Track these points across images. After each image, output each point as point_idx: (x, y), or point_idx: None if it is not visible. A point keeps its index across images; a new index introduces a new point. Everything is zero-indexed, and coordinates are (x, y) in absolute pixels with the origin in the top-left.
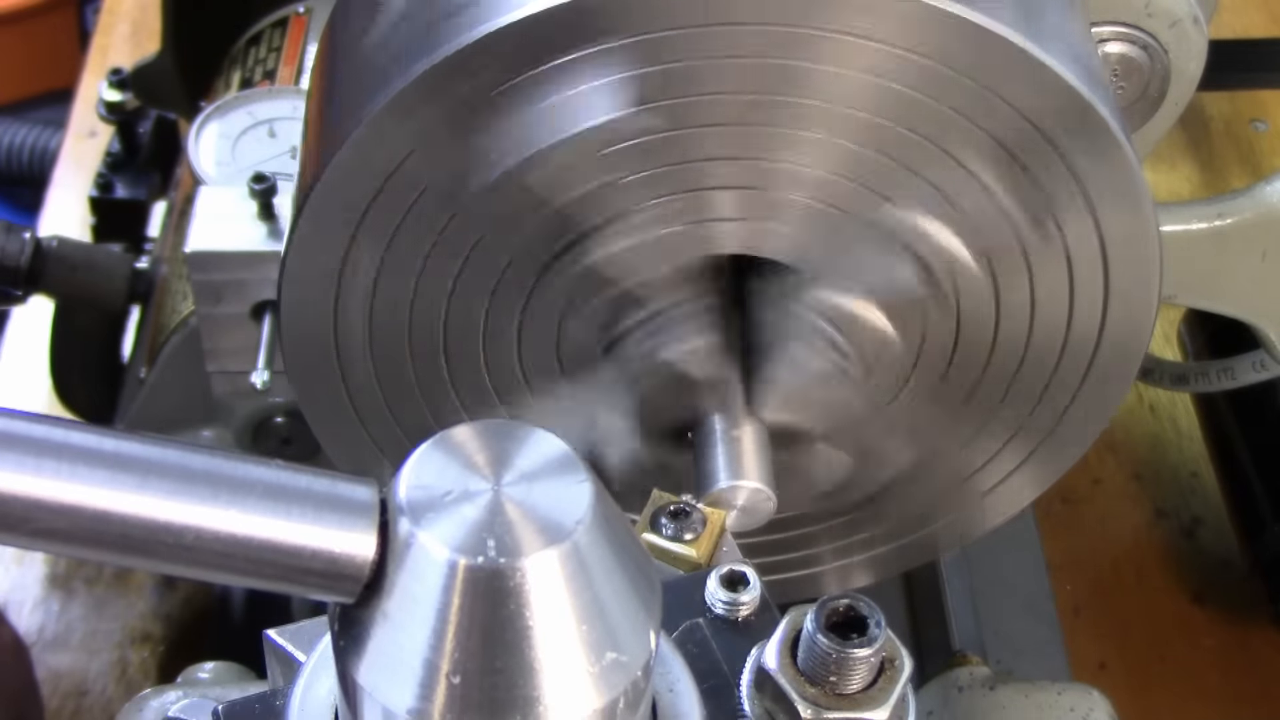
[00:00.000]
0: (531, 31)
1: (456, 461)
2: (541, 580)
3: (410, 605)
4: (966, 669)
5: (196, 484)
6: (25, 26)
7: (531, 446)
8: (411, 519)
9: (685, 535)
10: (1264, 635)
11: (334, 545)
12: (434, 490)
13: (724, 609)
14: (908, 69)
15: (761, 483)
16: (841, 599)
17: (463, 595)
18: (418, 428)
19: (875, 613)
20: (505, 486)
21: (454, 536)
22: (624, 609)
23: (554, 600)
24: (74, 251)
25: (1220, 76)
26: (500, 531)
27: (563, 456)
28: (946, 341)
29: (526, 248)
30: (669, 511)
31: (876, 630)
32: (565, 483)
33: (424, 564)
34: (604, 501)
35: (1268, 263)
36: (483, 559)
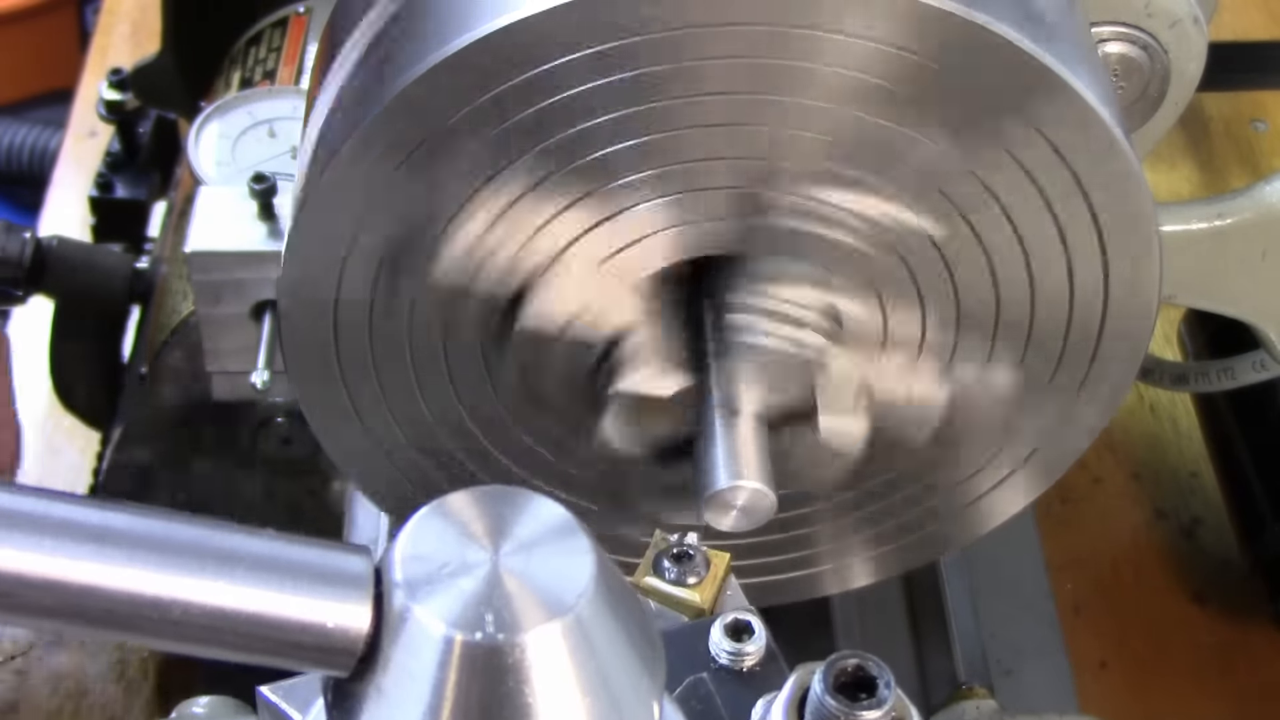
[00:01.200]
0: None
1: (453, 530)
2: (542, 655)
3: (406, 681)
4: (973, 702)
5: (183, 556)
6: (25, 26)
7: (531, 514)
8: (407, 592)
9: (688, 579)
10: (1264, 635)
11: (326, 618)
12: (430, 561)
13: (729, 659)
14: (904, 68)
15: (761, 483)
16: (850, 658)
17: (460, 672)
18: (418, 428)
19: (885, 673)
20: (504, 557)
21: (451, 611)
22: (627, 679)
23: (555, 675)
24: (74, 251)
25: (1220, 76)
26: (499, 605)
27: (563, 524)
28: (948, 341)
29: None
30: (672, 554)
31: (886, 691)
32: (566, 552)
33: (420, 639)
34: (606, 569)
35: (1268, 263)
36: (480, 635)
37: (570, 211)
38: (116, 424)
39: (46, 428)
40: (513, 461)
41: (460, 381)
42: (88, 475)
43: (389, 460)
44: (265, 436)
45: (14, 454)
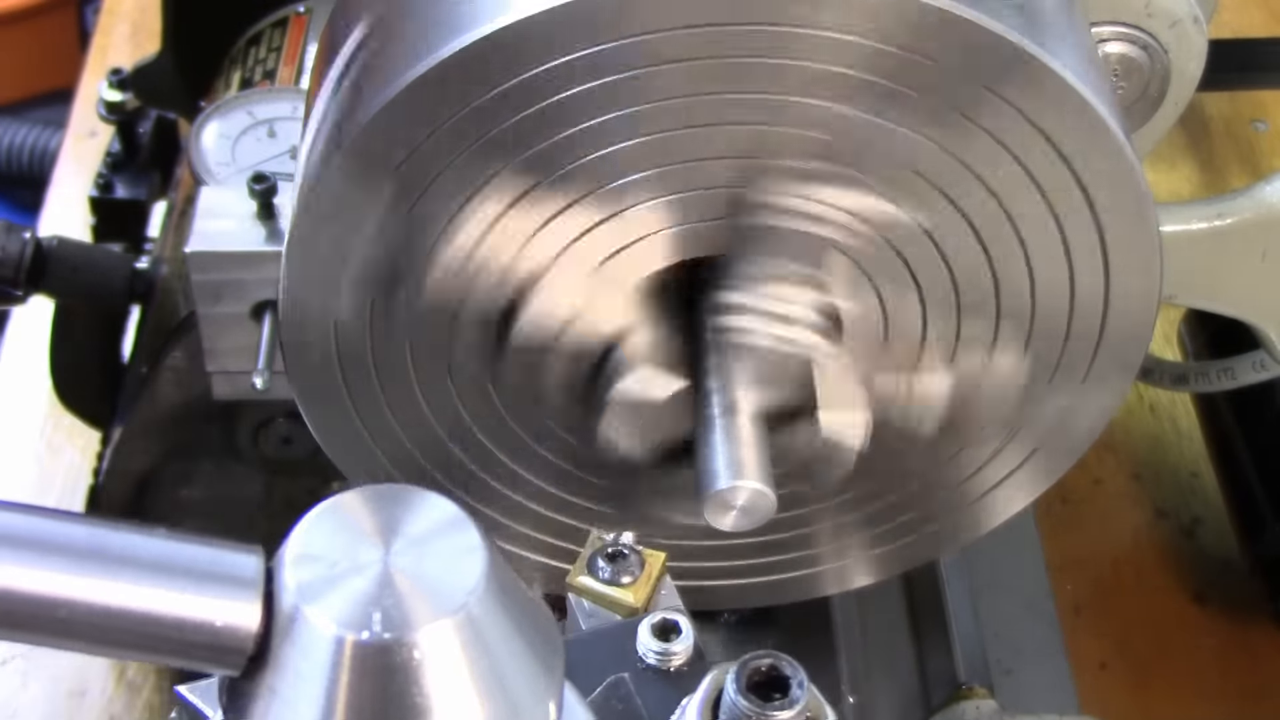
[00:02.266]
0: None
1: (345, 530)
2: (432, 654)
3: (297, 681)
4: (973, 702)
5: (68, 555)
6: (25, 26)
7: (423, 512)
8: (296, 592)
9: (623, 578)
10: (1264, 634)
11: (215, 617)
12: (321, 561)
13: (656, 659)
14: (910, 70)
15: (762, 483)
16: (764, 658)
17: (349, 671)
18: (418, 428)
19: (798, 672)
20: (395, 556)
21: (340, 610)
22: (523, 677)
23: (447, 673)
24: (74, 251)
25: (1220, 76)
26: (388, 604)
27: (455, 522)
28: (950, 327)
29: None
30: (606, 554)
31: (799, 691)
32: (457, 550)
33: (309, 639)
34: (498, 567)
35: (1268, 263)
36: (368, 634)
37: (559, 219)
38: (116, 424)
39: (46, 428)
40: (515, 463)
41: (461, 387)
42: (88, 475)
43: (389, 463)
44: (265, 436)
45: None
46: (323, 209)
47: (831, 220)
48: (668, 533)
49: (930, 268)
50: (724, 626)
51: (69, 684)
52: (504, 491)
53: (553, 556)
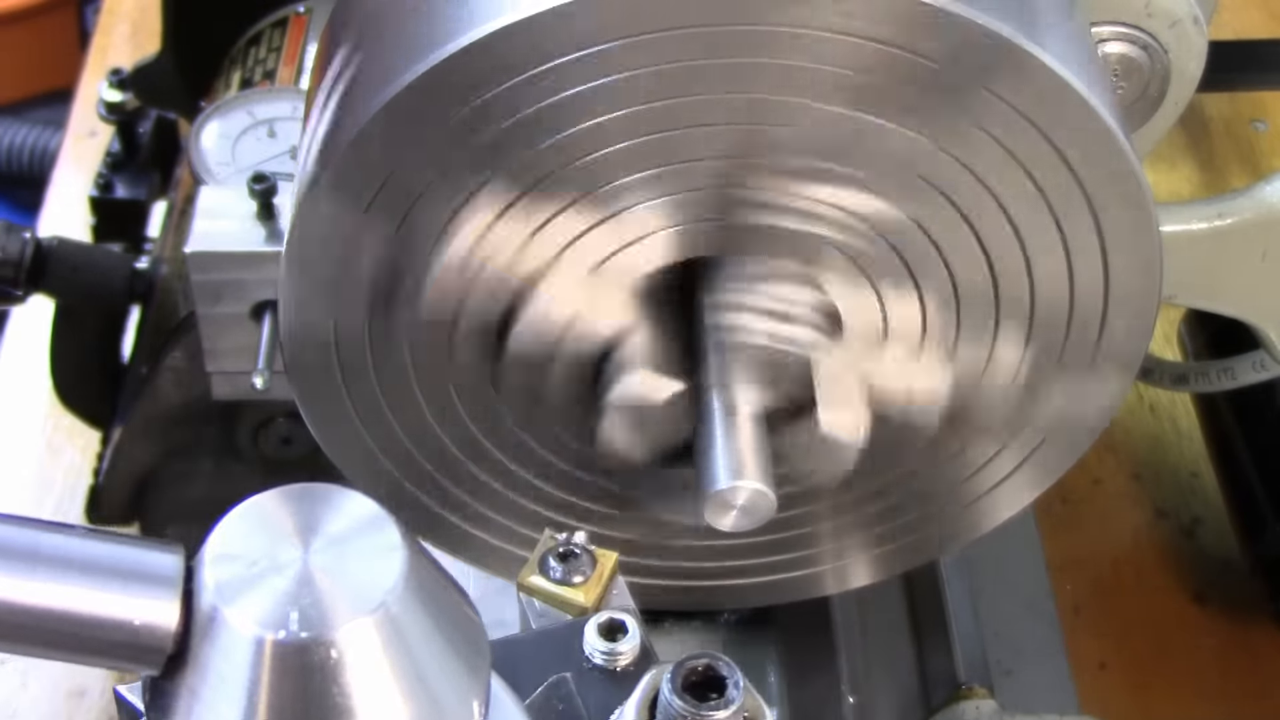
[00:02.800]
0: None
1: (265, 529)
2: (352, 653)
3: (217, 681)
4: (973, 702)
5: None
6: (25, 26)
7: (344, 511)
8: (215, 591)
9: (574, 578)
10: (1264, 635)
11: (133, 616)
12: (240, 560)
13: (602, 659)
14: (909, 69)
15: (762, 483)
16: (700, 659)
17: (267, 670)
18: (418, 428)
19: (734, 673)
20: (314, 555)
21: (258, 610)
22: (446, 675)
23: (368, 673)
24: (74, 251)
25: (1220, 76)
26: (306, 603)
27: (375, 520)
28: (948, 339)
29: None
30: (558, 553)
31: (735, 691)
32: (377, 549)
33: (227, 638)
34: (419, 566)
35: (1268, 263)
36: (285, 633)
37: (552, 224)
38: (116, 424)
39: (46, 428)
40: (515, 464)
41: (461, 390)
42: (88, 475)
43: (390, 464)
44: (265, 436)
45: None
46: (315, 228)
47: (828, 218)
48: (668, 533)
49: (929, 267)
50: (724, 626)
51: (69, 684)
52: (504, 492)
53: None
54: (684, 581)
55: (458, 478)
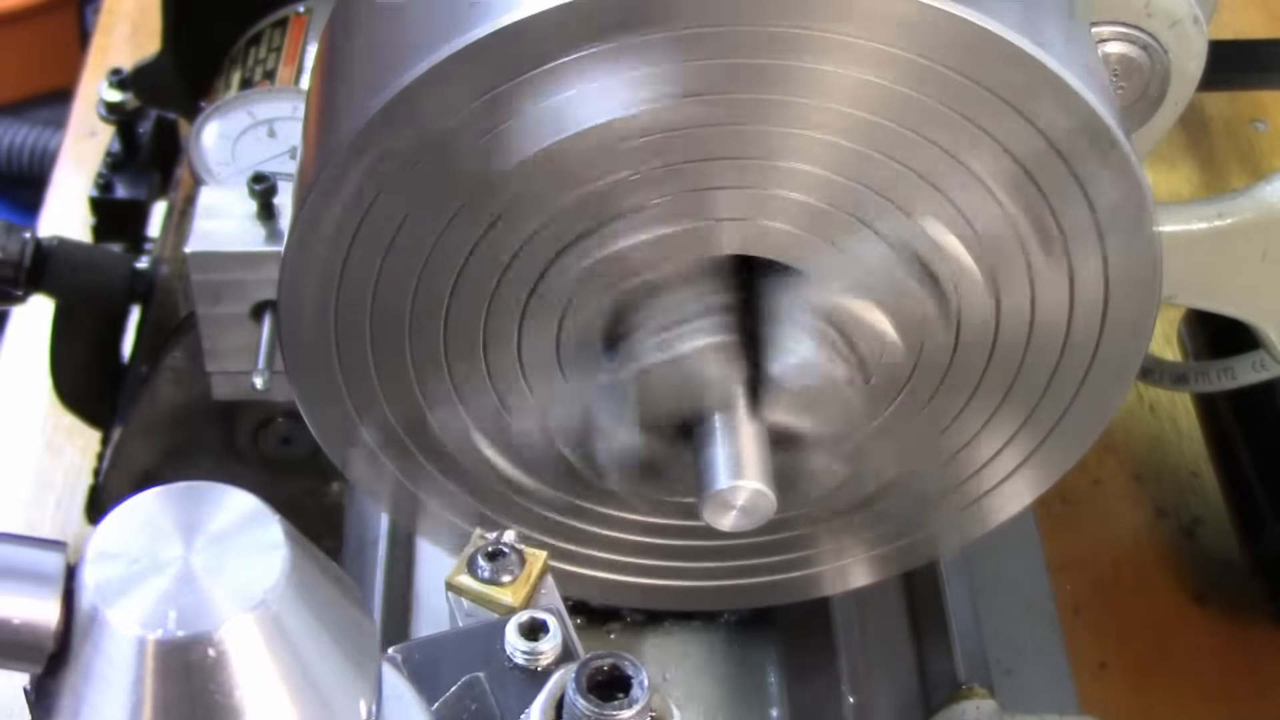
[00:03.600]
0: (558, 21)
1: (147, 527)
2: (233, 651)
3: (98, 682)
4: (973, 702)
5: None
6: (25, 26)
7: (226, 509)
8: (95, 590)
9: (502, 578)
10: (1264, 635)
11: (12, 614)
12: (121, 559)
13: (524, 659)
14: (910, 71)
15: (761, 483)
16: (606, 658)
17: (150, 671)
18: (418, 429)
19: (640, 672)
20: (195, 553)
21: (137, 608)
22: (333, 676)
23: (250, 671)
24: (74, 251)
25: (1220, 76)
26: (185, 602)
27: (258, 519)
28: (947, 342)
29: (533, 240)
30: (486, 553)
31: (639, 691)
32: (259, 547)
33: (107, 637)
34: (303, 564)
35: (1268, 263)
36: (163, 632)
37: (651, 173)
38: (116, 424)
39: (46, 428)
40: (509, 461)
41: (460, 382)
42: (88, 475)
43: (388, 461)
44: (265, 436)
45: None
46: (315, 230)
47: (915, 252)
48: (668, 533)
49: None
50: (724, 626)
51: None
52: (501, 491)
53: (549, 556)
54: (684, 581)
55: (454, 472)
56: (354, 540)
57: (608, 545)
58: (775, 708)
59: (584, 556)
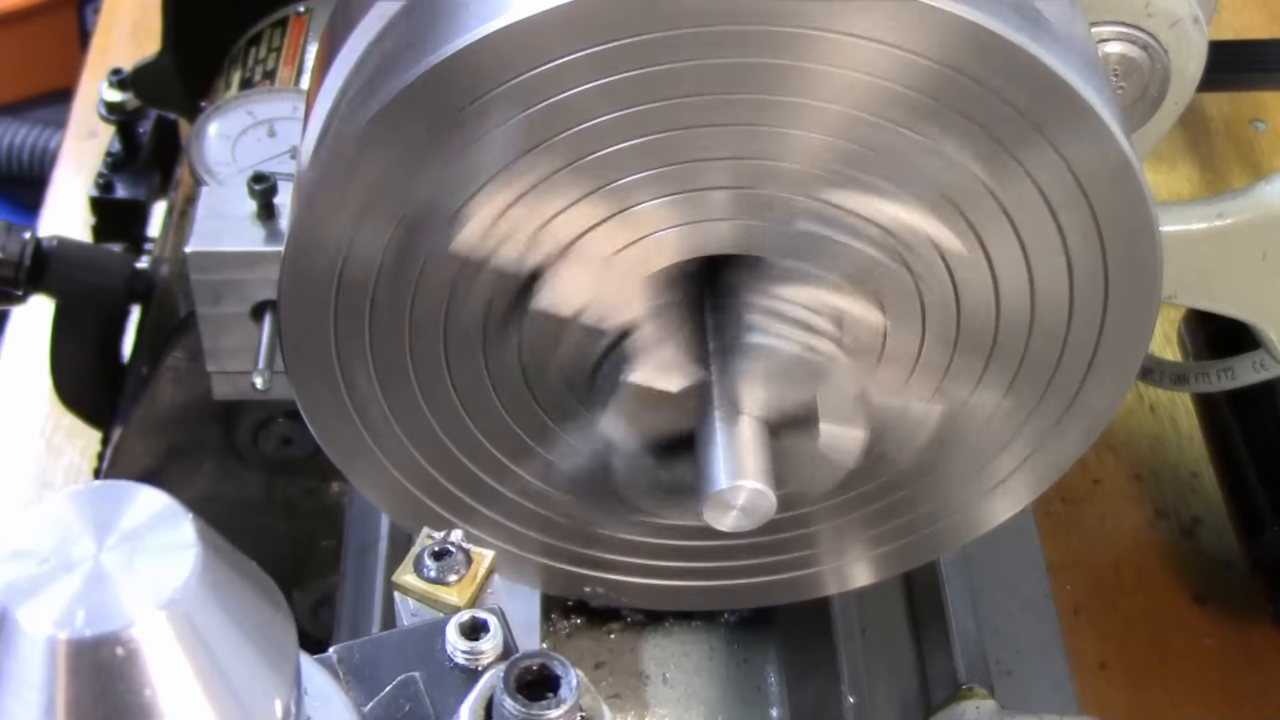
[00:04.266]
0: (551, 25)
1: (59, 527)
2: (144, 649)
3: (8, 682)
4: (973, 702)
5: None
6: (25, 26)
7: (138, 508)
8: (4, 591)
9: (448, 577)
10: (1264, 635)
11: None
12: (31, 559)
13: (464, 659)
14: (907, 69)
15: (761, 483)
16: (535, 658)
17: (61, 670)
18: (418, 429)
19: (568, 672)
20: (106, 552)
21: (47, 608)
22: (248, 675)
23: (162, 670)
24: (74, 251)
25: (1220, 76)
26: (95, 601)
27: (171, 518)
28: (947, 345)
29: (485, 302)
30: (433, 552)
31: (567, 691)
32: (171, 545)
33: (18, 638)
34: (217, 563)
35: (1268, 263)
36: (72, 631)
37: (580, 204)
38: (116, 424)
39: (46, 428)
40: (508, 458)
41: (460, 383)
42: (88, 475)
43: (390, 463)
44: (265, 436)
45: None
46: (315, 230)
47: (857, 230)
48: (669, 533)
49: (938, 288)
50: (724, 626)
51: None
52: (500, 490)
53: (549, 557)
54: (684, 581)
55: (452, 472)
56: (354, 540)
57: (607, 545)
58: (775, 708)
59: (583, 556)
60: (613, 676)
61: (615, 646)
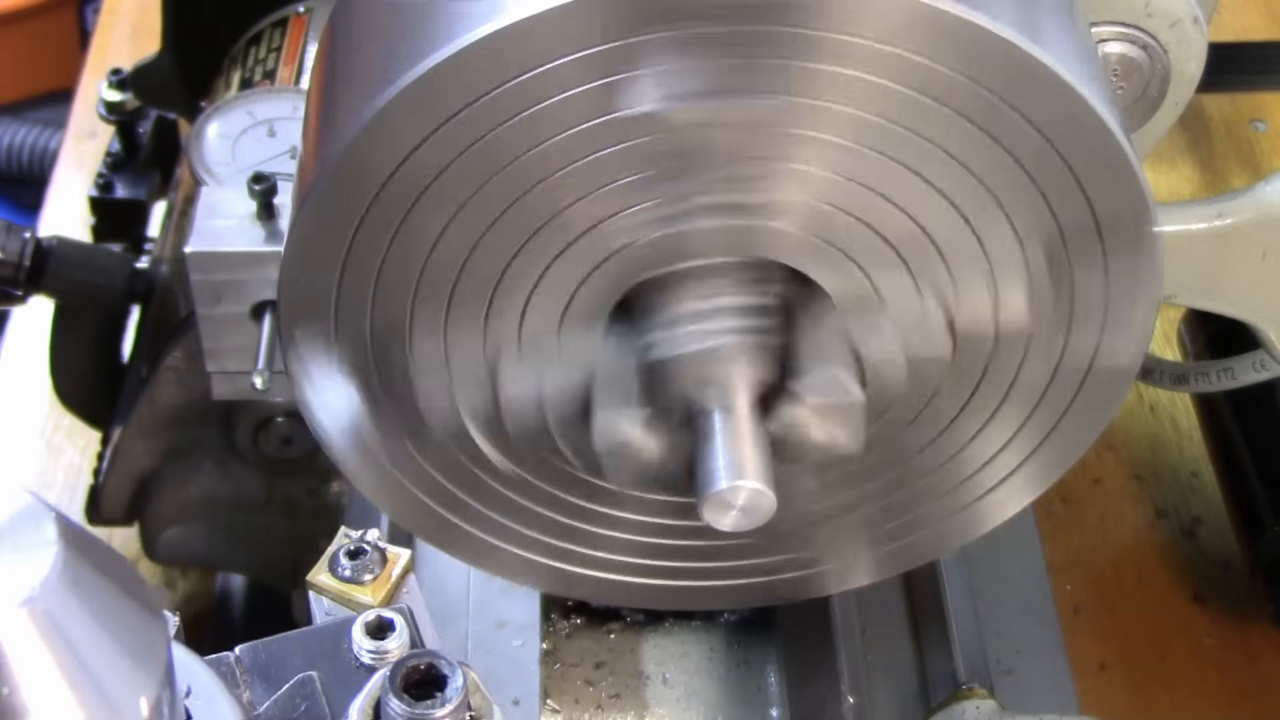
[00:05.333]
0: (570, 20)
1: None
2: (2, 647)
3: None
4: (973, 702)
5: None
6: (25, 26)
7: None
8: None
9: (364, 576)
10: (1264, 635)
11: None
12: None
13: (370, 658)
14: (900, 68)
15: (761, 483)
16: (422, 657)
17: None
18: (418, 427)
19: (455, 671)
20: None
21: None
22: (111, 671)
23: (20, 667)
24: (74, 251)
25: (1220, 77)
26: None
27: (31, 516)
28: (946, 355)
29: (565, 217)
30: (349, 551)
31: (452, 691)
32: (32, 544)
33: None
34: (79, 561)
35: (1268, 263)
36: None
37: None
38: (116, 424)
39: (46, 428)
40: (506, 456)
41: (454, 344)
42: (88, 475)
43: (390, 464)
44: (265, 436)
45: None
46: (313, 232)
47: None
48: (668, 533)
49: (928, 263)
50: (724, 626)
51: None
52: (500, 490)
53: (549, 556)
54: (684, 581)
55: (452, 471)
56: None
57: (606, 545)
58: (775, 708)
59: (583, 556)
60: (613, 676)
61: (615, 646)
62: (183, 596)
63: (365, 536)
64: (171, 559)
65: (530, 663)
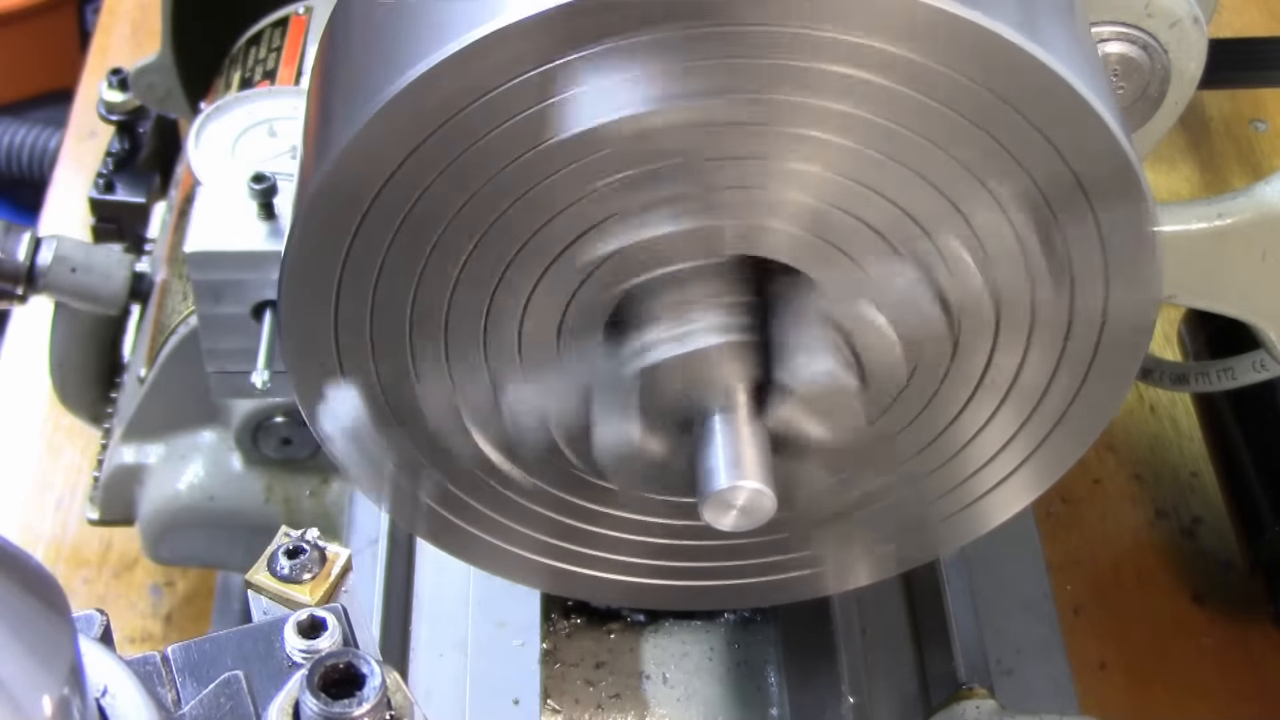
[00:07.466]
0: (551, 24)
1: None
2: None
3: None
4: (973, 702)
5: None
6: (25, 26)
7: None
8: None
9: (302, 575)
10: (1264, 635)
11: None
12: None
13: (302, 657)
14: (901, 67)
15: (761, 483)
16: (341, 656)
17: None
18: (418, 426)
19: (374, 671)
20: None
21: None
22: (13, 670)
23: None
24: (74, 251)
25: (1220, 76)
26: None
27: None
28: (946, 348)
29: (552, 224)
30: (287, 550)
31: (369, 690)
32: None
33: None
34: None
35: (1268, 263)
36: None
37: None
38: (116, 424)
39: (46, 428)
40: (503, 454)
41: (460, 381)
42: (88, 475)
43: (389, 460)
44: (265, 436)
45: None
46: (312, 233)
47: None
48: (668, 533)
49: (911, 239)
50: (724, 626)
51: None
52: (500, 491)
53: (549, 556)
54: (684, 581)
55: (452, 471)
56: (354, 540)
57: (607, 545)
58: (775, 708)
59: (583, 556)
60: (613, 676)
61: (615, 646)
62: (182, 597)
63: (305, 535)
64: (171, 559)
65: (530, 663)
